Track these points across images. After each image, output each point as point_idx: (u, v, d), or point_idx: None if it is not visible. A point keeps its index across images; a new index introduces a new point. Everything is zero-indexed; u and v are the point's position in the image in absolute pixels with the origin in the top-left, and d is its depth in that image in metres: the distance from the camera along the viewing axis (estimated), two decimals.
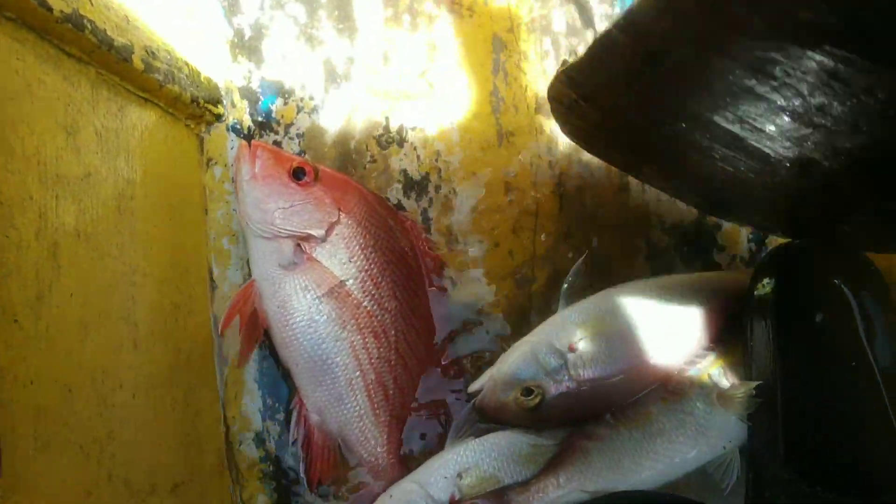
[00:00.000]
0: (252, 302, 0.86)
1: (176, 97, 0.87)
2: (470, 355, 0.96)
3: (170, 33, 0.88)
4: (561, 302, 0.90)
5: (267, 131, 0.97)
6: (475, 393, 0.88)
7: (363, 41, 1.00)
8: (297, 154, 0.95)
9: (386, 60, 1.00)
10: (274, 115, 0.97)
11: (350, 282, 0.87)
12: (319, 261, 0.86)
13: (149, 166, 0.81)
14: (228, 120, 0.96)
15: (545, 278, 0.95)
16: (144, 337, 0.74)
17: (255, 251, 0.87)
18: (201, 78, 0.92)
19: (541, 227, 0.97)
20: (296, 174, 0.87)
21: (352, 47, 1.00)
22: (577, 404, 0.85)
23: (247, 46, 0.98)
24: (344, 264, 0.87)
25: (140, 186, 0.79)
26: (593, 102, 0.74)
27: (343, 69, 0.99)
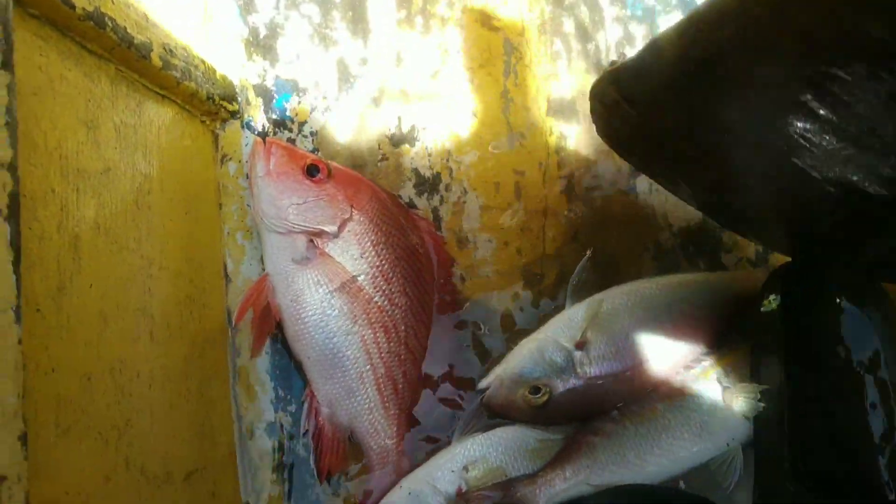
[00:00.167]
0: (265, 296, 0.87)
1: (192, 94, 0.88)
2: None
3: (187, 31, 0.89)
4: (568, 299, 0.91)
5: (281, 129, 0.98)
6: (483, 388, 0.89)
7: (376, 42, 1.02)
8: (311, 152, 0.97)
9: (399, 61, 1.02)
10: (288, 113, 0.99)
11: (361, 277, 0.88)
12: (332, 256, 0.88)
13: (165, 162, 0.83)
14: (243, 117, 0.97)
15: (554, 277, 0.96)
16: (160, 329, 0.76)
17: (269, 246, 0.89)
18: (217, 75, 0.93)
19: (549, 227, 0.98)
20: (309, 171, 0.89)
21: (365, 48, 1.01)
22: (584, 401, 0.87)
23: (262, 45, 1.00)
24: (356, 260, 0.89)
25: (157, 181, 0.80)
26: (635, 105, 0.74)
27: (356, 69, 1.01)
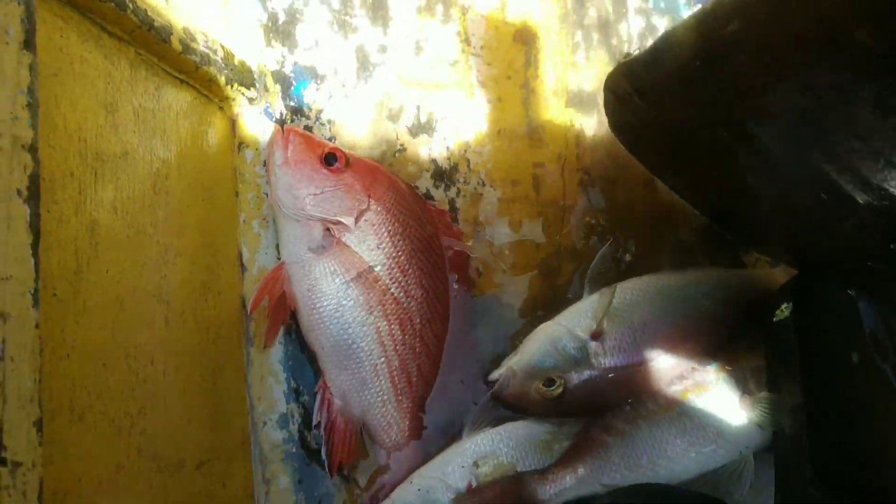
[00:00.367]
0: (281, 284, 0.86)
1: (211, 79, 0.87)
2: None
3: (206, 16, 0.88)
4: (585, 289, 0.90)
5: (299, 116, 0.97)
6: (494, 382, 0.88)
7: (396, 30, 1.01)
8: (328, 140, 0.96)
9: (418, 50, 1.00)
10: (306, 101, 0.98)
11: (378, 268, 0.88)
12: (348, 246, 0.87)
13: (183, 147, 0.82)
14: (261, 104, 0.96)
15: (571, 271, 0.95)
16: (175, 315, 0.75)
17: (285, 234, 0.88)
18: (235, 61, 0.92)
19: (567, 220, 0.97)
20: (327, 160, 0.88)
21: (384, 36, 1.00)
22: (598, 393, 0.86)
23: (281, 31, 0.99)
24: (372, 251, 0.88)
25: (174, 167, 0.80)
26: (647, 98, 0.74)
27: (376, 57, 1.00)
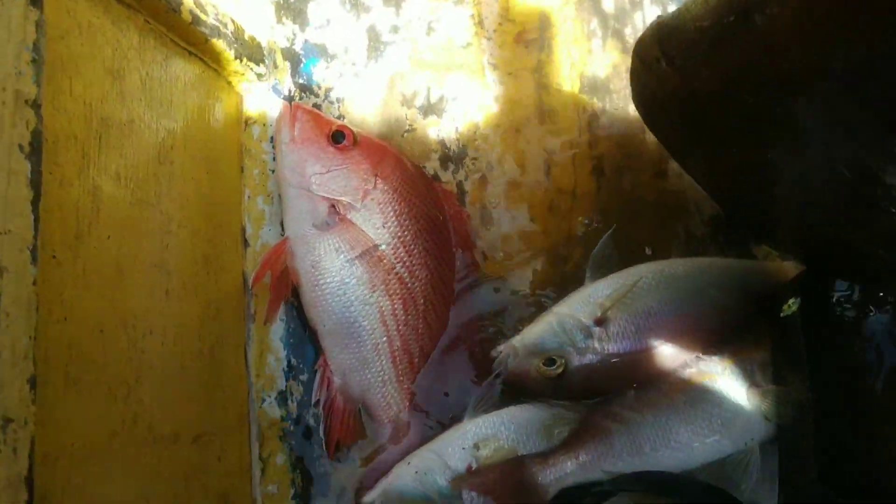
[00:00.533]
0: (283, 260, 0.85)
1: (220, 53, 0.86)
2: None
3: None
4: (588, 274, 0.89)
5: (307, 94, 0.96)
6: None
7: (408, 10, 1.00)
8: (336, 119, 0.95)
9: (430, 31, 0.99)
10: (315, 79, 0.97)
11: (383, 247, 0.87)
12: (354, 223, 0.86)
13: (189, 119, 0.81)
14: (270, 80, 0.96)
15: (578, 258, 0.94)
16: (176, 286, 0.74)
17: (290, 209, 0.87)
18: (245, 36, 0.91)
19: (577, 207, 0.96)
20: (335, 137, 0.87)
21: (397, 16, 0.99)
22: (600, 378, 0.85)
23: (292, 8, 0.98)
24: (378, 229, 0.87)
25: (180, 138, 0.79)
26: (674, 62, 0.71)
27: (387, 37, 0.99)
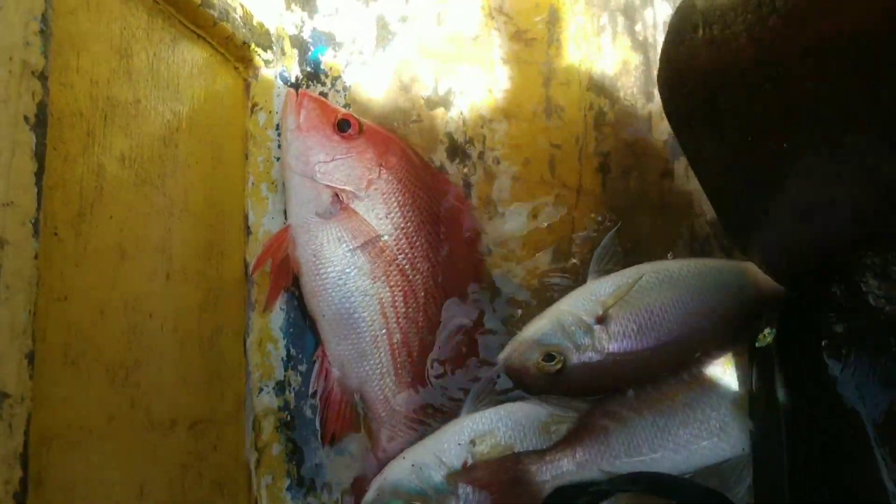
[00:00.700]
0: (285, 247, 0.85)
1: (228, 37, 0.86)
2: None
3: None
4: (591, 272, 0.89)
5: (314, 82, 0.96)
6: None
7: (417, 1, 0.99)
8: (342, 107, 0.94)
9: (439, 21, 0.99)
10: (322, 67, 0.96)
11: (385, 238, 0.86)
12: (357, 212, 0.85)
13: (195, 103, 0.80)
14: (277, 67, 0.95)
15: (582, 255, 0.94)
16: (178, 271, 0.73)
17: (293, 197, 0.87)
18: (254, 22, 0.91)
19: (581, 204, 0.95)
20: (340, 126, 0.87)
21: (406, 6, 0.99)
22: (599, 376, 0.84)
23: None
24: (381, 220, 0.86)
25: (185, 121, 0.78)
26: (712, 29, 0.67)
27: (395, 26, 0.98)
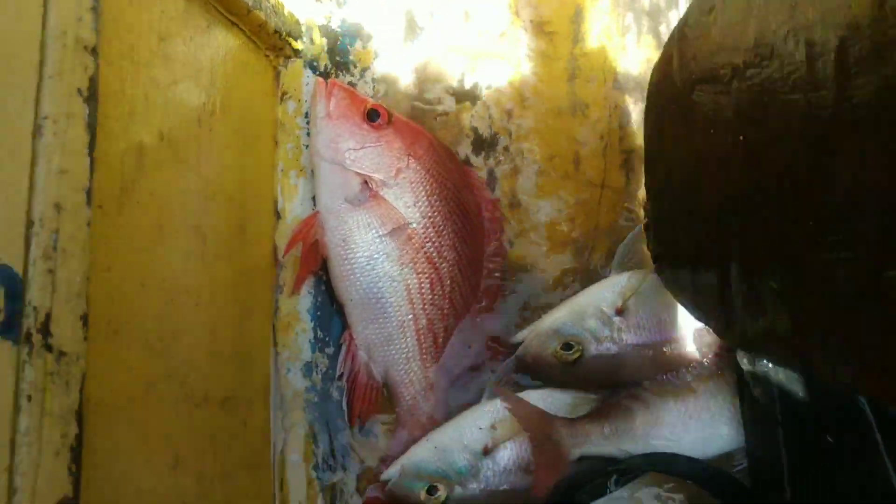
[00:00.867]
0: (314, 232, 0.86)
1: (260, 25, 0.87)
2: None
3: None
4: (614, 265, 0.90)
5: (343, 72, 0.97)
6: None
7: None
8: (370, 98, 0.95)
9: (467, 17, 1.00)
10: (351, 58, 0.98)
11: (413, 225, 0.88)
12: (385, 199, 0.87)
13: (228, 88, 0.82)
14: (306, 56, 0.96)
15: (604, 251, 0.95)
16: (211, 250, 0.75)
17: (323, 183, 0.88)
18: (285, 11, 0.92)
19: (605, 200, 0.96)
20: (370, 115, 0.88)
21: (434, 0, 1.00)
22: (616, 368, 0.85)
23: None
24: (408, 208, 0.88)
25: (219, 105, 0.79)
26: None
27: (423, 21, 0.99)
